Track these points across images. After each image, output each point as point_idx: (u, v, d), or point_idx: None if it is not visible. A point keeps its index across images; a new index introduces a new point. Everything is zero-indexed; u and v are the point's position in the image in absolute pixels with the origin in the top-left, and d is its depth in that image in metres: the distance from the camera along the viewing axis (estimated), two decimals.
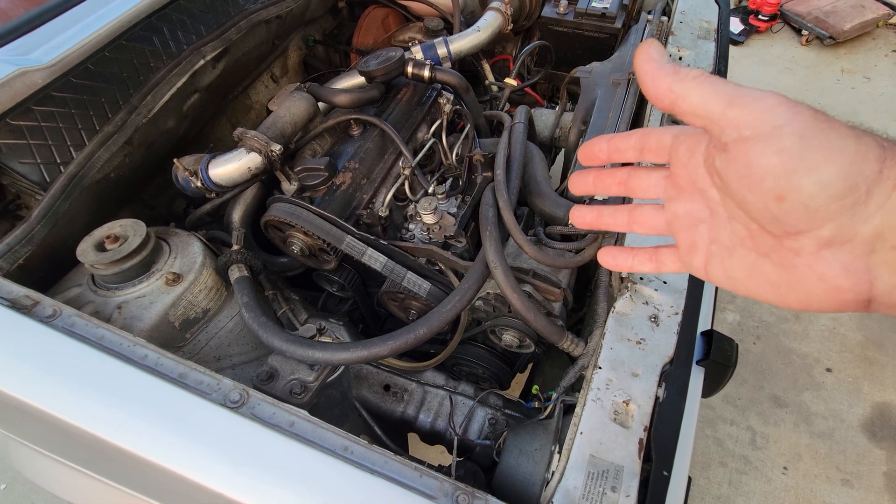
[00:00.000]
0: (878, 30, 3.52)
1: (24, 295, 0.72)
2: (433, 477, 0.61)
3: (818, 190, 0.28)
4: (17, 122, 0.90)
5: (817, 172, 0.28)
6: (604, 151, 0.42)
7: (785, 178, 0.29)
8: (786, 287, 0.33)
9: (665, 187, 0.41)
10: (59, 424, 0.63)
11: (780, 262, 0.33)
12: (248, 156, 0.99)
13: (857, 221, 0.28)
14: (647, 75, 0.35)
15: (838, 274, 0.30)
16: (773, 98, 0.30)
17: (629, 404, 0.70)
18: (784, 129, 0.29)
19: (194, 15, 1.14)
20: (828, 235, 0.29)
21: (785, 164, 0.29)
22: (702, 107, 0.32)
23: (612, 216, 0.45)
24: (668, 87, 0.34)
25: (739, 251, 0.35)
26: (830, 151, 0.28)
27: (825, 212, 0.29)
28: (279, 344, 0.75)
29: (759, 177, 0.30)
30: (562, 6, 1.51)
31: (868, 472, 1.74)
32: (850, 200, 0.28)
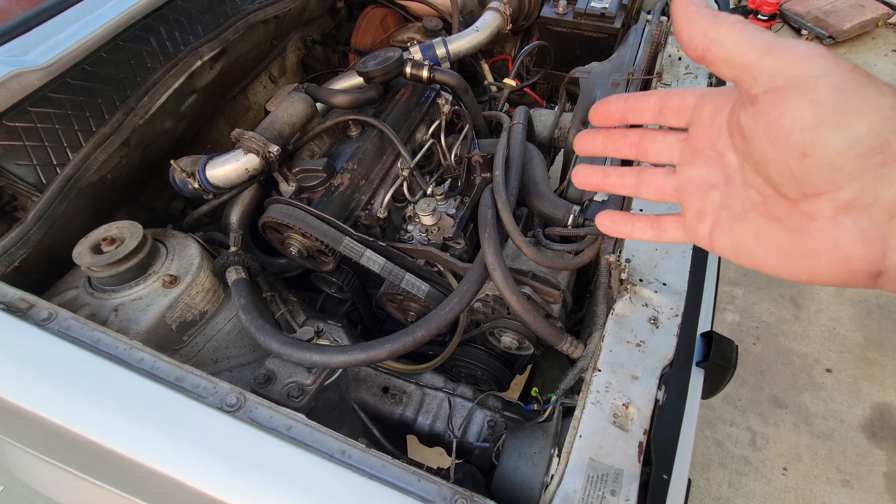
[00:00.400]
0: (877, 29, 3.52)
1: (19, 298, 0.72)
2: (431, 481, 0.61)
3: (847, 146, 0.27)
4: (13, 123, 0.90)
5: (849, 127, 0.27)
6: (619, 110, 0.40)
7: (814, 130, 0.28)
8: (795, 254, 0.32)
9: (681, 151, 0.39)
10: (55, 429, 0.63)
11: (793, 227, 0.31)
12: (245, 157, 0.99)
13: (882, 184, 0.27)
14: (683, 18, 0.33)
15: (854, 241, 0.29)
16: (813, 48, 0.29)
17: (629, 407, 0.69)
18: (821, 80, 0.28)
19: (191, 15, 1.14)
20: (848, 198, 0.28)
21: (817, 115, 0.27)
22: (737, 53, 0.31)
23: (619, 177, 0.43)
24: (703, 32, 0.32)
25: (751, 216, 0.34)
26: (866, 106, 0.27)
27: (850, 170, 0.27)
28: (276, 347, 0.75)
29: (786, 129, 0.29)
30: (561, 6, 1.50)
31: (868, 473, 1.74)
32: (878, 159, 0.27)
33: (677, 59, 1.22)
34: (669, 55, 1.23)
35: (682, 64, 1.20)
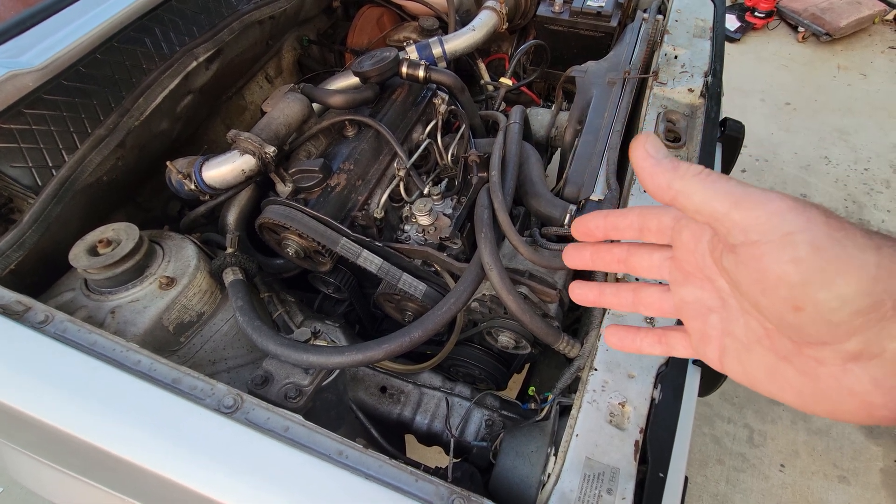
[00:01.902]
0: (874, 26, 3.52)
1: (15, 300, 0.71)
2: (429, 481, 0.61)
3: (839, 304, 0.26)
4: (8, 125, 0.89)
5: (836, 288, 0.26)
6: (600, 229, 0.39)
7: (801, 288, 0.27)
8: (812, 397, 0.30)
9: (670, 270, 0.38)
10: (53, 432, 0.63)
11: (803, 370, 0.30)
12: (241, 158, 0.99)
13: (885, 337, 0.26)
14: (645, 172, 0.33)
15: (869, 390, 0.28)
16: (780, 201, 0.28)
17: (625, 406, 0.70)
18: (797, 237, 0.27)
19: (186, 16, 1.14)
20: (853, 350, 0.27)
21: (801, 274, 0.27)
22: (706, 206, 0.30)
23: (615, 295, 0.42)
24: (667, 183, 0.32)
25: (757, 349, 0.33)
26: (849, 266, 0.26)
27: (848, 327, 0.27)
28: (273, 348, 0.75)
29: (773, 284, 0.28)
30: (557, 5, 1.50)
31: (864, 469, 1.75)
32: (875, 316, 0.26)
33: (673, 58, 1.22)
34: (665, 54, 1.23)
35: (679, 63, 1.21)
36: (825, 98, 3.13)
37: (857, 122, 2.96)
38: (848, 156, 2.79)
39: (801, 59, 3.42)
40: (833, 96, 3.14)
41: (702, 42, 1.27)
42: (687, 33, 1.30)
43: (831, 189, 2.64)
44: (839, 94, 3.15)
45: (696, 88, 1.13)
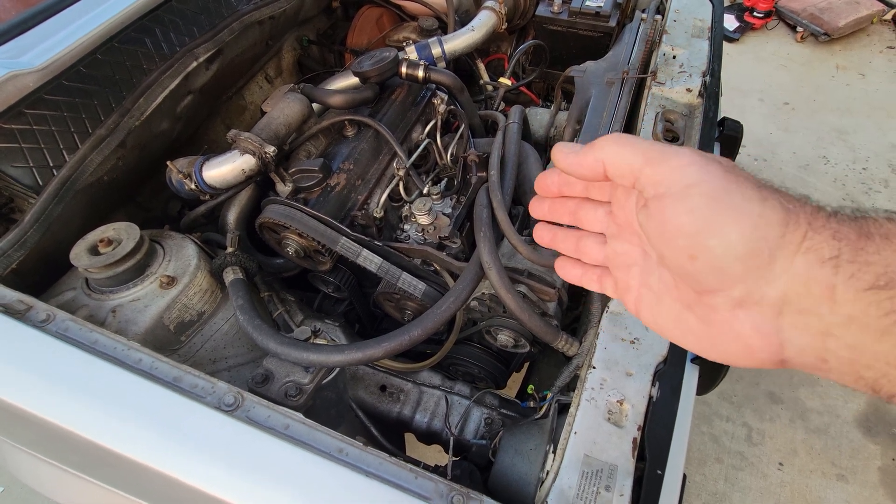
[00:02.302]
0: (872, 26, 3.53)
1: (17, 300, 0.72)
2: (428, 478, 0.61)
3: (723, 252, 0.29)
4: (9, 125, 0.90)
5: (722, 235, 0.29)
6: (555, 184, 0.44)
7: (695, 237, 0.30)
8: (707, 342, 0.34)
9: (607, 224, 0.41)
10: (55, 430, 0.63)
11: (702, 317, 0.33)
12: (241, 158, 0.99)
13: (764, 283, 0.29)
14: (569, 160, 0.37)
15: (751, 334, 0.31)
16: (686, 156, 0.31)
17: (623, 404, 0.70)
18: (694, 190, 0.30)
19: (186, 16, 1.14)
20: (738, 296, 0.30)
21: (695, 224, 0.29)
22: (624, 163, 0.34)
23: (564, 240, 0.46)
24: (593, 158, 0.35)
25: (666, 300, 0.36)
26: (735, 214, 0.29)
27: (732, 273, 0.29)
28: (274, 346, 0.75)
29: (672, 235, 0.31)
30: (556, 5, 1.51)
31: (863, 467, 1.76)
32: (753, 263, 0.29)
33: (672, 58, 1.23)
34: (664, 53, 1.24)
35: (677, 62, 1.21)
36: (824, 98, 3.14)
37: (855, 122, 2.97)
38: (846, 155, 2.79)
39: (800, 58, 3.43)
40: (831, 96, 3.15)
41: (700, 42, 1.27)
42: (685, 33, 1.30)
43: (830, 188, 2.64)
44: (838, 93, 3.16)
45: (695, 88, 1.13)
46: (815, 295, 0.27)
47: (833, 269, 0.27)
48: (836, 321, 0.27)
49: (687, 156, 0.31)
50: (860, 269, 0.26)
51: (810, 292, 0.27)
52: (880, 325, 0.26)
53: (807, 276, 0.27)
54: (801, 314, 0.28)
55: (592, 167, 0.36)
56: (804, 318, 0.28)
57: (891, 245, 0.26)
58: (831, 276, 0.27)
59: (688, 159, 0.31)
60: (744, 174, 0.31)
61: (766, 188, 0.30)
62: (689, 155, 0.31)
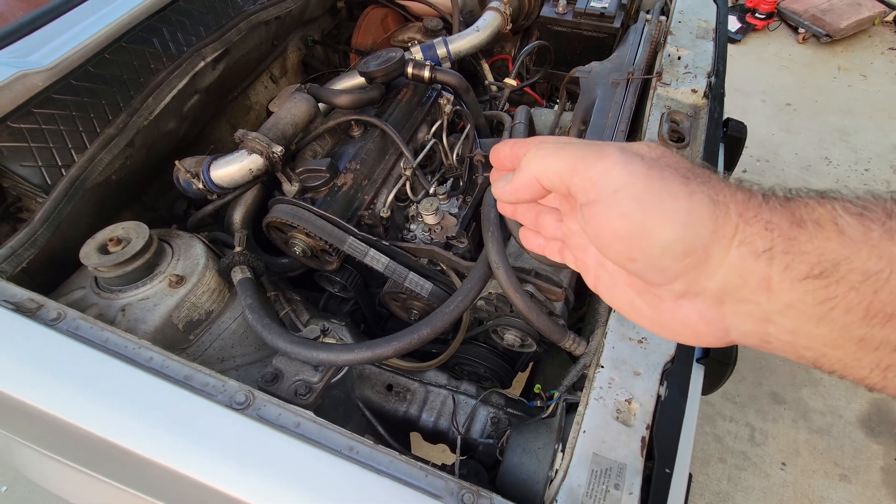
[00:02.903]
0: (874, 27, 3.54)
1: (28, 298, 0.72)
2: (438, 476, 0.62)
3: (660, 252, 0.29)
4: (18, 124, 0.90)
5: (655, 237, 0.29)
6: (507, 158, 0.43)
7: (630, 241, 0.30)
8: (659, 325, 0.35)
9: (560, 203, 0.41)
10: (67, 427, 0.63)
11: (650, 304, 0.34)
12: (249, 157, 1.00)
13: (703, 277, 0.29)
14: (504, 194, 0.38)
15: (696, 320, 0.32)
16: (610, 157, 0.31)
17: (631, 403, 0.70)
18: (622, 194, 0.30)
19: (193, 16, 1.14)
20: (680, 289, 0.31)
21: (627, 228, 0.30)
22: (553, 174, 0.34)
23: (524, 214, 0.46)
24: (524, 179, 0.35)
25: (620, 284, 0.37)
26: (664, 214, 0.29)
27: (671, 271, 0.30)
28: (284, 345, 0.75)
29: (609, 240, 0.31)
30: (560, 6, 1.51)
31: (865, 468, 1.76)
32: (689, 261, 0.29)
33: (676, 59, 1.23)
34: (669, 54, 1.24)
35: (682, 63, 1.21)
36: (825, 99, 3.14)
37: (857, 123, 2.97)
38: (848, 156, 2.80)
39: (802, 60, 3.43)
40: (833, 97, 3.15)
41: (704, 43, 1.28)
42: (690, 34, 1.30)
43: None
44: (839, 94, 3.17)
45: (700, 89, 1.14)
46: (752, 286, 0.28)
47: (768, 261, 0.27)
48: (775, 309, 0.28)
49: (610, 157, 0.31)
50: (794, 259, 0.26)
51: (747, 283, 0.28)
52: (816, 312, 0.26)
53: (742, 268, 0.28)
54: (740, 303, 0.29)
55: (531, 188, 0.36)
56: (744, 307, 0.29)
57: (823, 232, 0.26)
58: (766, 267, 0.27)
59: (611, 160, 0.31)
60: (670, 166, 0.31)
61: (693, 179, 0.30)
62: (612, 156, 0.31)
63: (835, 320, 0.26)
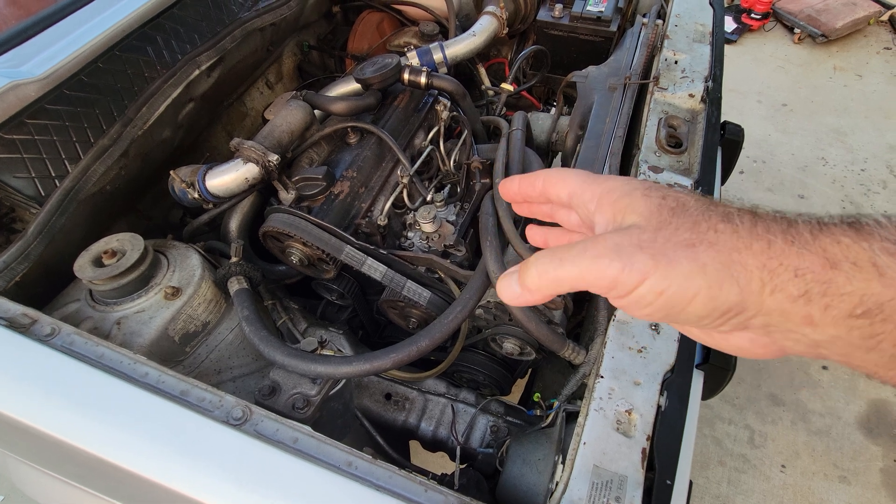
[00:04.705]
0: (869, 27, 3.55)
1: (21, 313, 0.71)
2: (438, 491, 0.61)
3: (696, 320, 0.31)
4: (11, 135, 0.89)
5: (687, 313, 0.30)
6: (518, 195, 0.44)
7: (665, 319, 0.32)
8: (713, 344, 0.36)
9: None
10: (62, 446, 0.62)
11: (702, 332, 0.35)
12: (245, 166, 0.99)
13: (745, 320, 0.30)
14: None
15: (749, 346, 0.33)
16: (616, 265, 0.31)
17: (631, 413, 0.70)
18: (641, 290, 0.30)
19: (188, 24, 1.13)
20: (728, 330, 0.32)
21: (658, 316, 0.31)
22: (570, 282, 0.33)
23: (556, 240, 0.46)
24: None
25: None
26: (685, 297, 0.29)
27: (713, 325, 0.31)
28: (281, 358, 0.75)
29: (647, 314, 0.32)
30: (557, 10, 1.51)
31: (865, 469, 1.76)
32: (727, 317, 0.30)
33: (673, 63, 1.23)
34: (666, 59, 1.24)
35: (679, 68, 1.21)
36: (821, 99, 3.15)
37: (853, 123, 2.98)
38: (845, 157, 2.80)
39: (798, 60, 3.44)
40: (829, 97, 3.16)
41: (701, 47, 1.27)
42: (687, 38, 1.30)
43: (828, 190, 2.65)
44: (835, 95, 3.17)
45: (697, 93, 1.13)
46: (795, 322, 0.28)
47: (806, 303, 0.27)
48: (822, 339, 0.28)
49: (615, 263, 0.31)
50: (833, 300, 0.26)
51: (790, 320, 0.28)
52: (865, 345, 0.26)
53: (781, 310, 0.28)
54: (788, 332, 0.29)
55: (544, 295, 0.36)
56: (793, 336, 0.29)
57: (861, 273, 0.26)
58: (805, 307, 0.27)
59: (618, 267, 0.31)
60: (671, 239, 0.30)
61: (699, 245, 0.29)
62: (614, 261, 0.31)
63: (884, 350, 0.26)
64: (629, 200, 0.33)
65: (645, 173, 0.98)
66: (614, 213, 0.34)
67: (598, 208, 0.35)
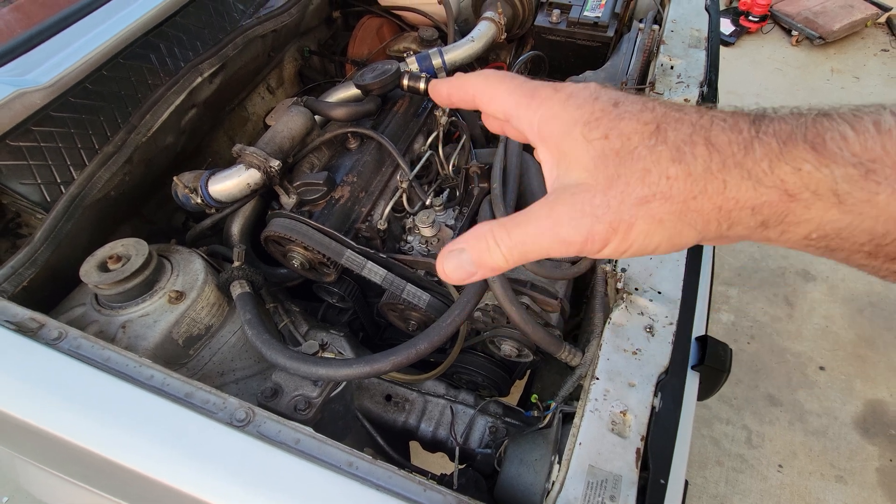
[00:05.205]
0: (866, 30, 3.56)
1: (29, 318, 0.73)
2: (437, 491, 0.63)
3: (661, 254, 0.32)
4: (17, 143, 0.91)
5: (653, 253, 0.31)
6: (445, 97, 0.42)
7: (631, 257, 0.32)
8: None
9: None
10: (69, 447, 0.64)
11: None
12: (247, 172, 1.01)
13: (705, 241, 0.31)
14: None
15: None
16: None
17: (626, 414, 0.71)
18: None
19: (190, 31, 1.15)
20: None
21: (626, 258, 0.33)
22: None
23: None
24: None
25: None
26: (649, 246, 0.30)
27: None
28: (283, 361, 0.76)
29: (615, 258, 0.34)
30: (554, 15, 1.53)
31: (861, 469, 1.78)
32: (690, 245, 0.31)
33: (669, 68, 1.24)
34: (662, 64, 1.25)
35: (675, 73, 1.23)
36: (819, 101, 3.10)
37: None
38: None
39: (795, 62, 3.46)
40: (827, 99, 3.17)
41: (697, 52, 1.29)
42: (682, 43, 1.32)
43: None
44: (833, 96, 3.19)
45: (692, 99, 1.15)
46: (753, 238, 0.29)
47: (763, 229, 0.27)
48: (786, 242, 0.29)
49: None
50: (790, 227, 0.27)
51: (747, 238, 0.29)
52: (820, 253, 0.28)
53: (739, 236, 0.29)
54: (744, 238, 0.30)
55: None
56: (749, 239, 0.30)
57: (820, 200, 0.25)
58: (763, 232, 0.28)
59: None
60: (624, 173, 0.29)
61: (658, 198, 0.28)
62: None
63: (837, 257, 0.27)
64: (571, 145, 0.31)
65: None
66: (558, 159, 0.32)
67: (542, 141, 0.33)
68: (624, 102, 0.31)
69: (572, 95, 0.32)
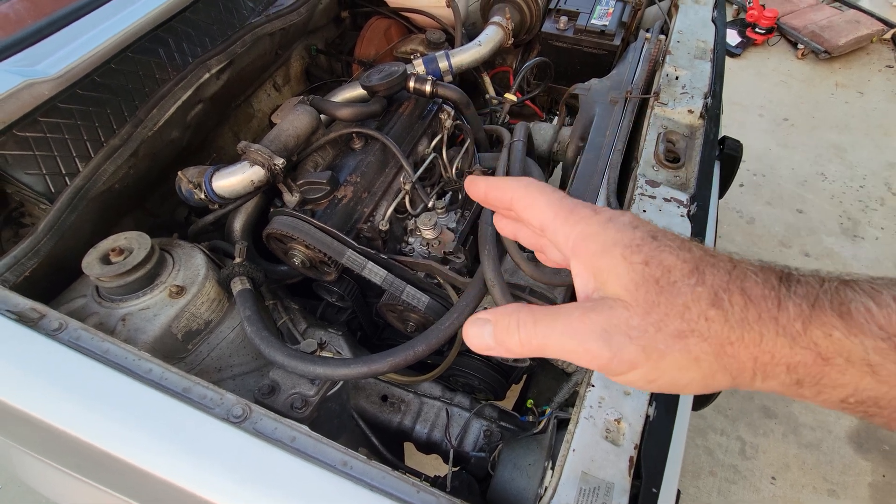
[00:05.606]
0: (872, 45, 3.57)
1: (30, 308, 0.73)
2: (430, 493, 0.63)
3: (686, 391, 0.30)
4: (24, 133, 0.91)
5: (679, 392, 0.30)
6: (483, 198, 0.42)
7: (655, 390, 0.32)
8: None
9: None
10: (66, 437, 0.64)
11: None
12: (251, 169, 1.01)
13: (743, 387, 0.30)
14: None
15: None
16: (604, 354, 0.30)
17: (620, 422, 0.72)
18: (630, 377, 0.30)
19: (199, 27, 1.16)
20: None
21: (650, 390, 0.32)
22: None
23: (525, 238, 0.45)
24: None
25: None
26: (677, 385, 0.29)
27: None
28: (281, 359, 0.77)
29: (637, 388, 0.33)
30: (562, 22, 1.53)
31: (854, 483, 1.78)
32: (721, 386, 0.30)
33: (674, 79, 1.25)
34: (667, 74, 1.26)
35: (679, 83, 1.23)
36: (823, 115, 3.17)
37: (853, 140, 3.00)
38: (844, 173, 2.83)
39: (800, 75, 3.46)
40: (830, 113, 3.19)
41: (702, 63, 1.30)
42: (688, 54, 1.32)
43: (827, 205, 2.67)
44: (836, 111, 3.20)
45: (696, 109, 1.16)
46: (792, 394, 0.29)
47: (798, 387, 0.28)
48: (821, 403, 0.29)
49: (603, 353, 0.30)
50: (825, 389, 0.27)
51: (786, 394, 0.29)
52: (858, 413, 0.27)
53: (773, 390, 0.29)
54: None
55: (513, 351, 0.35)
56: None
57: (854, 368, 0.25)
58: (797, 390, 0.28)
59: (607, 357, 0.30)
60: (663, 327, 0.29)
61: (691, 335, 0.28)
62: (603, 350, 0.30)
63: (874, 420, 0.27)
64: (609, 262, 0.31)
65: (642, 187, 1.00)
66: (594, 273, 0.32)
67: (575, 256, 0.33)
68: (663, 237, 0.31)
69: (612, 220, 0.33)
